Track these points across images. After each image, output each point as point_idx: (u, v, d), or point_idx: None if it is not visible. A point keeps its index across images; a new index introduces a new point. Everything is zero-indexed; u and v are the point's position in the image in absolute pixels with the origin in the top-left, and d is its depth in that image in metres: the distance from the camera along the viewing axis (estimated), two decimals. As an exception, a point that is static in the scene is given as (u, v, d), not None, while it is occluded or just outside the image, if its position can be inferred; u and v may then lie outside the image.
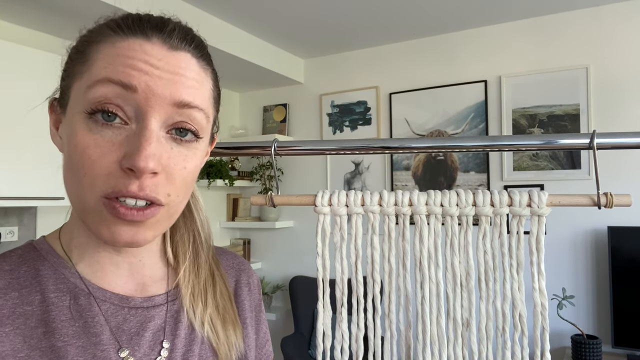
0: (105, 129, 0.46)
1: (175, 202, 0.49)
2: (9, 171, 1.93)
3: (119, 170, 0.45)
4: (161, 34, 0.48)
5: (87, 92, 0.46)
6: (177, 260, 0.61)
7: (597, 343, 2.20)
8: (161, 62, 0.47)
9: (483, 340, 0.83)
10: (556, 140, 0.81)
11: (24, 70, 1.96)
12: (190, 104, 0.48)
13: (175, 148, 0.48)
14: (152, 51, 0.47)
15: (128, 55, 0.46)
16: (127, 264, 0.55)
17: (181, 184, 0.49)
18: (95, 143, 0.45)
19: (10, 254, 0.53)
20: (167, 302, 0.57)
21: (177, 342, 0.55)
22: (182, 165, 0.49)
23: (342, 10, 2.55)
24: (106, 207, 0.46)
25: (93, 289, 0.52)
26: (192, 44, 0.50)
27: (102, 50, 0.47)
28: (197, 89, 0.49)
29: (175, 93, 0.47)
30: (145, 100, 0.46)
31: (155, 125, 0.46)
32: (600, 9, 2.53)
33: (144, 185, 0.45)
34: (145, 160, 0.44)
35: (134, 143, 0.45)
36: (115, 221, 0.46)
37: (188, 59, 0.49)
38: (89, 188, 0.46)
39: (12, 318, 0.48)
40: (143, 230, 0.47)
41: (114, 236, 0.47)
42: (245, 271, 0.69)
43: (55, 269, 0.52)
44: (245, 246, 3.44)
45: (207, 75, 0.52)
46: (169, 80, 0.47)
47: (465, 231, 0.84)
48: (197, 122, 0.49)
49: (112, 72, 0.46)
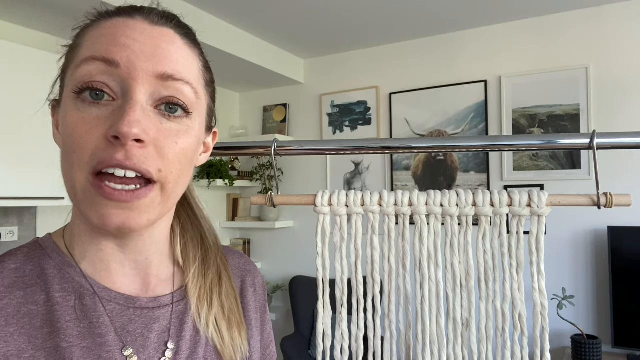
0: (92, 107, 0.46)
1: (169, 181, 0.48)
2: (9, 171, 1.93)
3: (105, 142, 0.45)
4: (143, 11, 0.50)
5: (74, 73, 0.47)
6: (185, 262, 0.60)
7: (597, 343, 2.20)
8: (143, 36, 0.48)
9: (483, 340, 0.83)
10: (556, 140, 0.81)
11: (24, 70, 1.96)
12: (174, 76, 0.48)
13: (165, 123, 0.48)
14: (134, 25, 0.48)
15: (110, 32, 0.47)
16: (133, 262, 0.54)
17: (174, 160, 0.48)
18: (83, 121, 0.45)
19: (17, 252, 0.53)
20: (172, 303, 0.56)
21: (182, 344, 0.54)
22: (173, 140, 0.48)
23: (342, 10, 2.56)
24: (94, 187, 0.45)
25: (98, 288, 0.52)
26: (174, 21, 0.51)
27: (88, 33, 0.49)
28: (182, 63, 0.49)
29: (158, 65, 0.47)
30: (128, 73, 0.46)
31: (141, 97, 0.46)
32: (600, 9, 2.53)
33: (130, 154, 0.44)
34: (128, 125, 0.43)
35: (119, 113, 0.45)
36: (105, 203, 0.45)
37: (171, 35, 0.50)
38: (78, 166, 0.45)
39: (17, 317, 0.48)
40: (136, 213, 0.46)
41: (104, 219, 0.45)
42: (251, 272, 0.68)
43: (61, 268, 0.52)
44: (245, 246, 3.44)
45: (193, 53, 0.52)
46: (150, 53, 0.47)
47: (465, 231, 0.84)
48: (185, 96, 0.49)
49: (96, 50, 0.47)
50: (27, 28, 2.34)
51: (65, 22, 2.23)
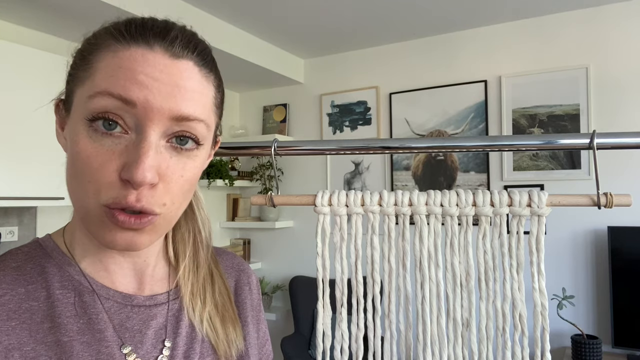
0: (105, 138, 0.46)
1: (171, 210, 0.50)
2: (9, 171, 1.93)
3: (119, 180, 0.46)
4: (163, 42, 0.47)
5: (88, 102, 0.46)
6: (177, 259, 0.61)
7: (597, 343, 2.20)
8: (162, 74, 0.46)
9: (483, 340, 0.83)
10: (556, 140, 0.81)
11: (25, 71, 1.96)
12: (189, 117, 0.48)
13: (174, 157, 0.49)
14: (153, 61, 0.47)
15: (129, 67, 0.46)
16: (131, 264, 0.57)
17: (178, 192, 0.49)
18: (97, 152, 0.46)
19: (17, 251, 0.54)
20: (168, 301, 0.58)
21: (179, 340, 0.56)
22: (180, 174, 0.49)
23: (342, 10, 2.55)
24: (107, 215, 0.47)
25: (97, 286, 0.53)
26: (195, 51, 0.49)
27: (104, 59, 0.47)
28: (197, 100, 0.49)
29: (174, 107, 0.47)
30: (145, 114, 0.46)
31: (154, 137, 0.47)
32: (600, 9, 2.53)
33: (140, 196, 0.46)
34: (142, 173, 0.45)
35: (133, 154, 0.46)
36: (115, 228, 0.47)
37: (190, 68, 0.48)
38: (92, 195, 0.47)
39: (19, 313, 0.49)
40: (139, 235, 0.48)
41: (114, 241, 0.48)
42: (244, 271, 0.70)
43: (60, 267, 0.53)
44: (245, 246, 3.44)
45: (209, 82, 0.51)
46: (168, 94, 0.46)
47: (465, 231, 0.84)
48: (197, 131, 0.49)
49: (113, 85, 0.46)
50: (27, 28, 2.34)
51: (66, 23, 2.23)
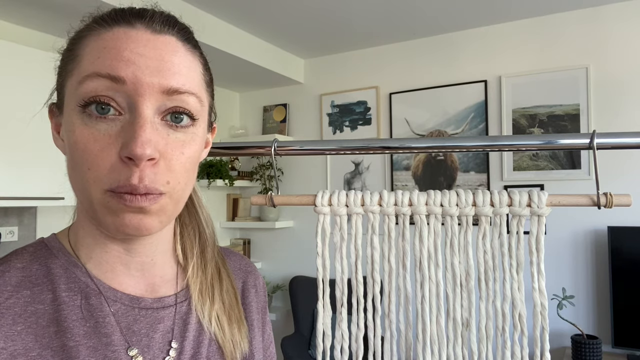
0: (99, 122, 0.46)
1: (176, 189, 0.49)
2: (9, 171, 1.93)
3: (120, 161, 0.46)
4: (143, 20, 0.49)
5: (78, 88, 0.47)
6: (185, 258, 0.61)
7: (597, 343, 2.20)
8: (146, 48, 0.47)
9: (483, 340, 0.83)
10: (556, 140, 0.81)
11: (24, 70, 1.96)
12: (179, 90, 0.48)
13: (172, 134, 0.49)
14: (136, 37, 0.47)
15: (114, 46, 0.47)
16: (138, 264, 0.55)
17: (181, 170, 0.49)
18: (94, 137, 0.46)
19: (22, 251, 0.53)
20: (176, 304, 0.57)
21: (186, 343, 0.55)
22: (180, 151, 0.49)
23: (342, 10, 2.56)
24: (112, 197, 0.46)
25: (104, 288, 0.52)
26: (176, 27, 0.50)
27: (89, 44, 0.48)
28: (186, 74, 0.49)
29: (163, 80, 0.47)
30: (135, 90, 0.46)
31: (148, 112, 0.47)
32: (600, 9, 2.53)
33: (143, 175, 0.46)
34: (141, 146, 0.44)
35: (129, 132, 0.46)
36: (122, 208, 0.46)
37: (173, 42, 0.49)
38: (94, 182, 0.46)
39: (24, 317, 0.48)
40: (149, 217, 0.48)
41: (122, 224, 0.47)
42: (252, 273, 0.69)
43: (67, 268, 0.52)
44: (245, 246, 3.44)
45: (194, 58, 0.52)
46: (155, 68, 0.47)
47: (465, 231, 0.84)
48: (190, 105, 0.49)
49: (100, 65, 0.46)
50: (27, 28, 2.34)
51: (65, 22, 2.23)
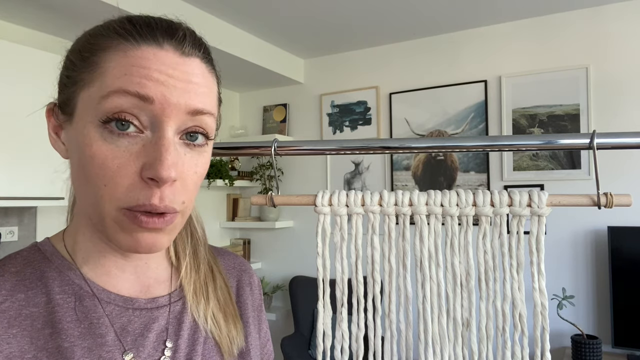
0: (120, 138, 0.46)
1: (188, 207, 0.50)
2: (9, 171, 1.93)
3: (140, 181, 0.46)
4: (173, 41, 0.48)
5: (101, 102, 0.46)
6: (178, 258, 0.61)
7: (597, 343, 2.20)
8: (175, 71, 0.47)
9: (483, 340, 0.83)
10: (556, 140, 0.81)
11: (24, 70, 1.96)
12: (202, 111, 0.49)
13: (188, 154, 0.49)
14: (165, 59, 0.47)
15: (142, 65, 0.46)
16: (133, 267, 0.56)
17: (193, 189, 0.50)
18: (113, 154, 0.46)
19: (16, 255, 0.53)
20: (169, 303, 0.57)
21: (181, 342, 0.56)
22: (194, 171, 0.50)
23: (342, 10, 2.55)
24: (127, 217, 0.46)
25: (97, 290, 0.53)
26: (202, 49, 0.51)
27: (114, 59, 0.47)
28: (207, 95, 0.50)
29: (190, 101, 0.48)
30: (162, 110, 0.46)
31: (171, 133, 0.47)
32: (600, 9, 2.53)
33: (163, 195, 0.46)
34: (167, 170, 0.45)
35: (153, 153, 0.46)
36: (137, 229, 0.47)
37: (198, 64, 0.50)
38: (109, 199, 0.46)
39: (19, 320, 0.48)
40: (162, 235, 0.48)
41: (136, 243, 0.48)
42: (246, 271, 0.70)
43: (60, 271, 0.52)
44: (245, 246, 3.44)
45: (213, 78, 0.52)
46: (183, 89, 0.47)
47: (465, 231, 0.84)
48: (208, 126, 0.50)
49: (128, 83, 0.45)
50: (27, 28, 2.34)
51: (65, 22, 2.23)
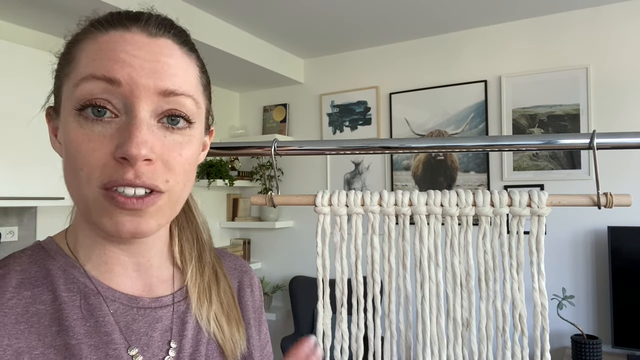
0: (95, 124, 0.46)
1: (176, 190, 0.49)
2: (9, 171, 1.93)
3: (113, 161, 0.46)
4: (139, 23, 0.49)
5: (75, 91, 0.47)
6: (183, 261, 0.61)
7: (597, 343, 2.20)
8: (142, 51, 0.47)
9: (483, 340, 0.83)
10: (556, 140, 0.81)
11: (24, 70, 1.96)
12: (175, 92, 0.48)
13: (169, 136, 0.49)
14: (132, 39, 0.47)
15: (109, 48, 0.47)
16: (135, 265, 0.56)
17: (180, 171, 0.49)
18: (88, 138, 0.46)
19: (20, 254, 0.53)
20: (173, 303, 0.57)
21: (185, 342, 0.56)
22: (178, 152, 0.49)
23: (342, 10, 2.55)
24: (105, 197, 0.46)
25: (102, 288, 0.53)
26: (172, 30, 0.51)
27: (85, 48, 0.48)
28: (182, 76, 0.49)
29: (159, 82, 0.47)
30: (131, 91, 0.46)
31: (144, 114, 0.47)
32: (600, 9, 2.53)
33: (139, 172, 0.45)
34: (137, 147, 0.44)
35: (125, 133, 0.46)
36: (117, 211, 0.46)
37: (170, 45, 0.49)
38: (86, 181, 0.46)
39: (26, 317, 0.48)
40: (146, 219, 0.48)
41: (117, 226, 0.47)
42: (247, 273, 0.70)
43: (64, 269, 0.52)
44: (245, 246, 3.44)
45: (191, 61, 0.52)
46: (151, 69, 0.47)
47: (465, 231, 0.84)
48: (186, 108, 0.50)
49: (96, 67, 0.46)
50: (27, 28, 2.34)
51: (65, 22, 2.23)
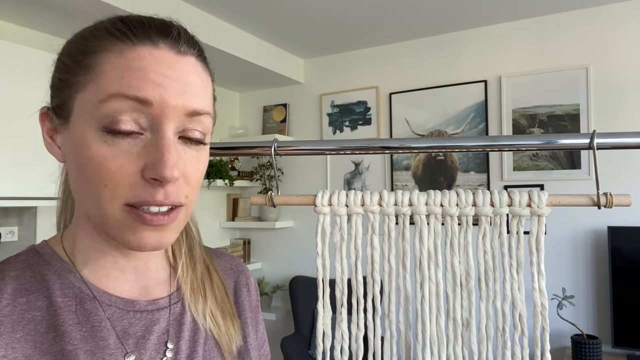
0: (120, 139, 0.46)
1: (192, 202, 0.51)
2: (9, 171, 1.93)
3: (142, 180, 0.46)
4: (168, 39, 0.48)
5: (100, 107, 0.45)
6: (174, 257, 0.61)
7: (597, 343, 2.20)
8: (171, 70, 0.47)
9: (483, 340, 0.83)
10: (556, 140, 0.81)
11: (24, 70, 1.96)
12: (200, 112, 0.49)
13: (187, 151, 0.49)
14: (161, 58, 0.47)
15: (139, 66, 0.46)
16: (133, 268, 0.56)
17: (196, 185, 0.51)
18: (113, 155, 0.45)
19: (15, 259, 0.53)
20: (169, 305, 0.57)
21: (182, 344, 0.56)
22: (197, 167, 0.50)
23: (343, 10, 2.55)
24: (131, 214, 0.46)
25: (98, 293, 0.53)
26: (196, 47, 0.51)
27: (109, 61, 0.46)
28: (203, 95, 0.50)
29: (187, 103, 0.48)
30: (161, 112, 0.46)
31: (171, 134, 0.47)
32: (600, 9, 2.53)
33: (168, 193, 0.47)
34: (171, 170, 0.45)
35: (154, 153, 0.46)
36: (142, 227, 0.47)
37: (193, 63, 0.50)
38: (110, 198, 0.46)
39: (22, 324, 0.48)
40: (167, 233, 0.49)
41: (141, 241, 0.48)
42: (243, 272, 0.70)
43: (60, 274, 0.52)
44: (245, 246, 3.44)
45: (208, 76, 0.53)
46: (180, 90, 0.47)
47: (465, 231, 0.84)
48: (205, 125, 0.51)
49: (126, 86, 0.45)
50: (27, 28, 2.34)
51: (65, 22, 2.23)
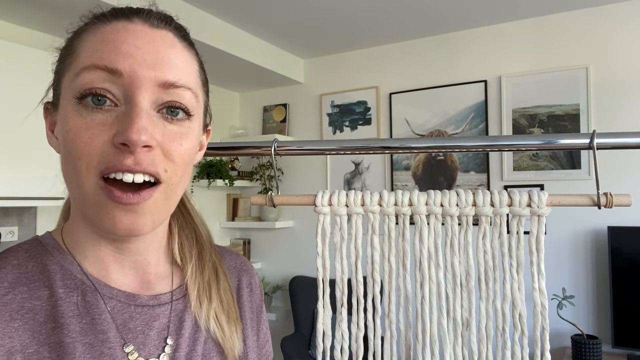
0: (95, 112, 0.46)
1: (173, 181, 0.49)
2: (9, 171, 1.93)
3: (112, 147, 0.46)
4: (141, 14, 0.50)
5: (75, 80, 0.47)
6: (183, 259, 0.61)
7: (597, 343, 2.20)
8: (144, 41, 0.48)
9: (483, 340, 0.83)
10: (556, 140, 0.81)
11: (24, 70, 1.96)
12: (175, 84, 0.49)
13: (168, 126, 0.49)
14: (134, 30, 0.48)
15: (112, 39, 0.47)
16: (132, 263, 0.56)
17: (179, 162, 0.50)
18: (87, 126, 0.46)
19: (17, 248, 0.53)
20: (171, 301, 0.57)
21: (181, 341, 0.55)
22: (178, 143, 0.49)
23: (342, 10, 2.55)
24: (104, 190, 0.46)
25: (100, 285, 0.53)
26: (172, 24, 0.52)
27: (87, 39, 0.49)
28: (182, 69, 0.50)
29: (160, 74, 0.48)
30: (132, 82, 0.46)
31: (145, 104, 0.47)
32: (600, 9, 2.53)
33: (139, 159, 0.46)
34: (137, 132, 0.44)
35: (125, 120, 0.46)
36: (114, 206, 0.46)
37: (170, 37, 0.50)
38: (85, 171, 0.46)
39: (21, 313, 0.48)
40: (141, 215, 0.48)
41: (115, 222, 0.47)
42: (247, 272, 0.69)
43: (62, 265, 0.52)
44: (245, 246, 3.44)
45: (191, 56, 0.53)
46: (152, 61, 0.47)
47: (465, 231, 0.84)
48: (186, 100, 0.50)
49: (98, 58, 0.46)
50: (27, 28, 2.34)
51: (65, 22, 2.23)
